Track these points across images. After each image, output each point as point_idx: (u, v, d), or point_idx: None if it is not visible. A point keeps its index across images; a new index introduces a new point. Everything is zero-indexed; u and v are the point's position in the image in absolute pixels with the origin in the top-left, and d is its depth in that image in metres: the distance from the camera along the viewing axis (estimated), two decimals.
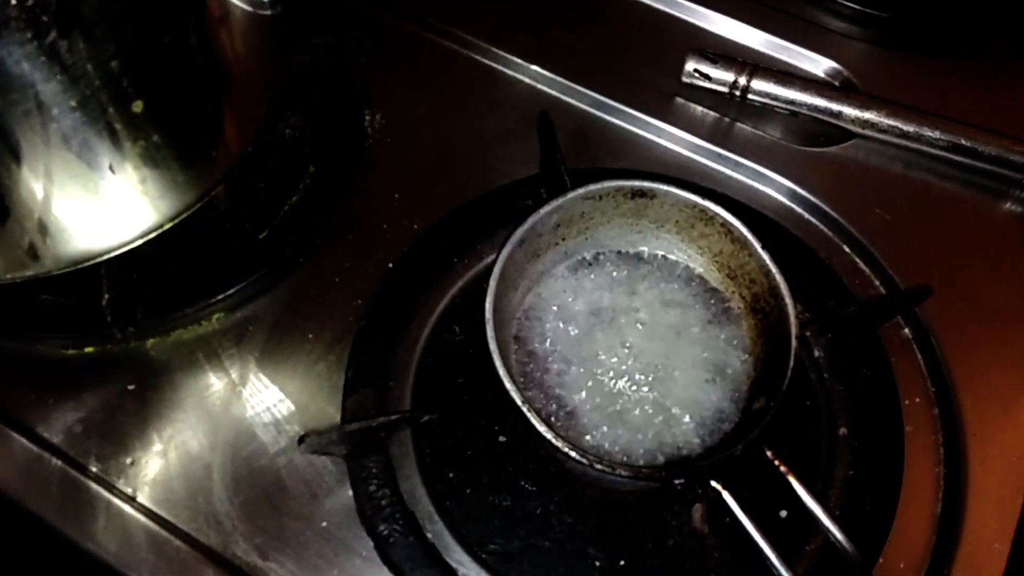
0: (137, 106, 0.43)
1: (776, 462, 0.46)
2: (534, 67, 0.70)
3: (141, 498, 0.51)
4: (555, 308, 0.51)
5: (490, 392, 0.56)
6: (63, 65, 0.39)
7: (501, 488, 0.53)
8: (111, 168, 0.45)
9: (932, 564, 0.51)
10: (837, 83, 0.70)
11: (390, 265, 0.60)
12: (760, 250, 0.47)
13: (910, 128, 0.64)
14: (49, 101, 0.40)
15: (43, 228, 0.46)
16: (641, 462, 0.48)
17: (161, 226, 0.50)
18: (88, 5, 0.38)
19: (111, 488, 0.51)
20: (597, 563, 0.51)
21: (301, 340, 0.57)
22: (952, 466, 0.54)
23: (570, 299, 0.51)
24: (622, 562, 0.51)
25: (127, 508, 0.50)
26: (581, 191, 0.49)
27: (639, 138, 0.68)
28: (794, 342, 0.45)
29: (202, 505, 0.51)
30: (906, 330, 0.58)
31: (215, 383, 0.55)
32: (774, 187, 0.64)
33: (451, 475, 0.54)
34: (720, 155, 0.66)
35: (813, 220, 0.63)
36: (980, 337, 0.58)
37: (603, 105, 0.69)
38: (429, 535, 0.50)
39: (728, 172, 0.66)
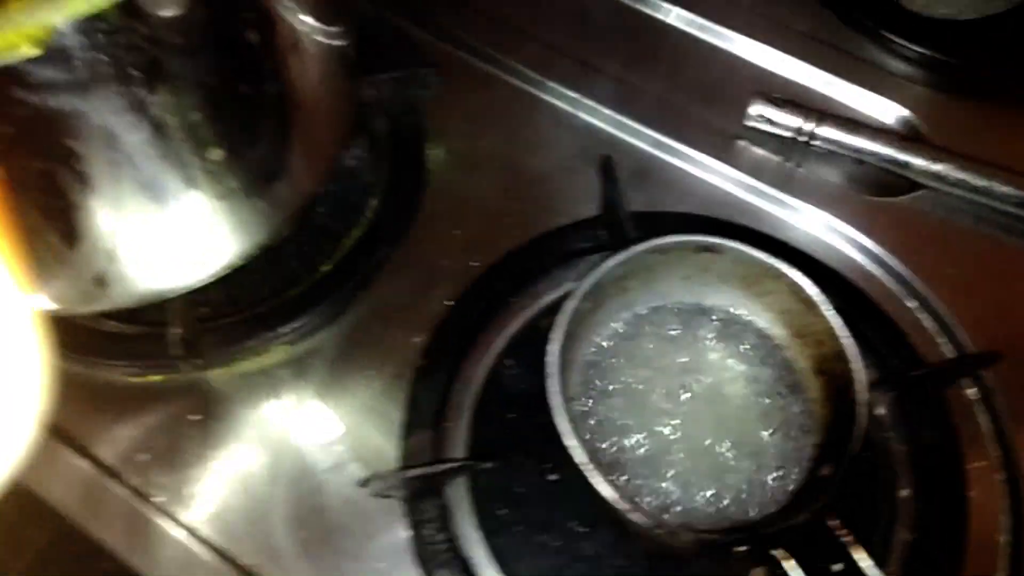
0: (215, 154, 0.44)
1: (839, 532, 0.45)
2: (595, 105, 0.70)
3: (203, 530, 0.52)
4: (615, 360, 0.51)
5: (543, 431, 0.57)
6: (145, 117, 0.40)
7: (552, 528, 0.53)
8: (183, 211, 0.46)
9: None
10: (904, 131, 0.69)
11: (449, 303, 0.60)
12: (829, 312, 0.47)
13: (980, 183, 0.62)
14: (129, 151, 0.41)
15: (114, 265, 0.47)
16: (699, 523, 0.47)
17: (229, 266, 0.51)
18: (170, 60, 0.39)
19: (173, 518, 0.52)
20: None
21: (361, 375, 0.58)
22: (1017, 535, 0.52)
23: (631, 351, 0.51)
24: None
25: (188, 540, 0.51)
26: (647, 245, 0.49)
27: (699, 180, 0.67)
28: (862, 409, 0.44)
29: (261, 539, 0.51)
30: (971, 391, 0.57)
31: (276, 416, 0.56)
32: (837, 237, 0.64)
33: (502, 512, 0.54)
34: (782, 201, 0.65)
35: (876, 272, 0.62)
36: None
37: (663, 145, 0.68)
38: None
39: (790, 219, 0.65)
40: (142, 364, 0.57)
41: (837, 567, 0.51)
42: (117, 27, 0.37)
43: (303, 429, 0.55)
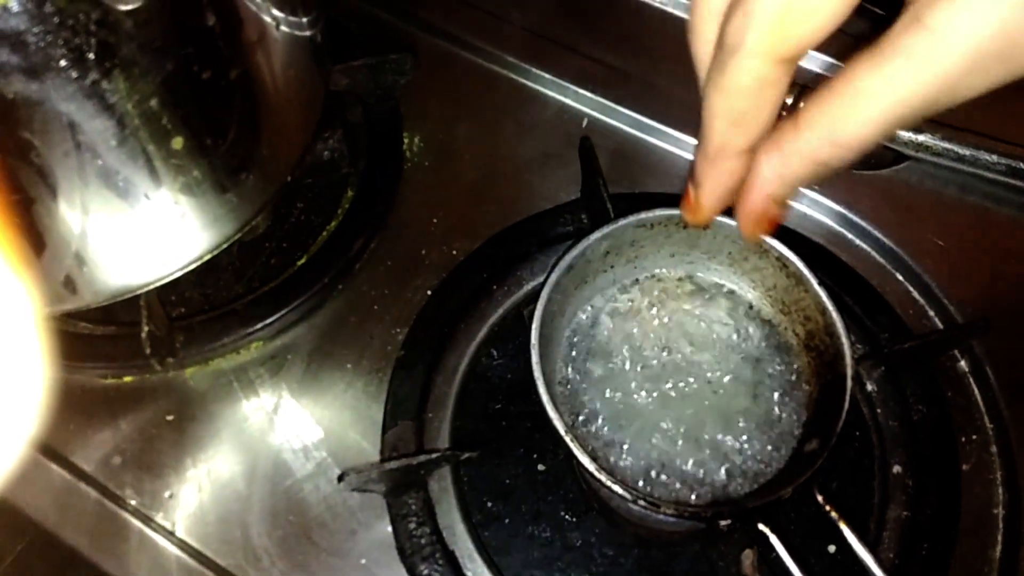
0: (177, 142, 0.42)
1: (827, 507, 0.44)
2: (573, 87, 0.68)
3: (180, 532, 0.51)
4: (600, 337, 0.50)
5: (530, 421, 0.56)
6: (104, 105, 0.38)
7: (540, 518, 0.52)
8: (150, 203, 0.45)
9: None
10: None
11: (429, 292, 0.59)
12: (817, 287, 0.45)
13: (966, 152, 0.61)
14: (89, 140, 0.39)
15: (81, 262, 0.45)
16: (686, 499, 0.46)
17: (200, 258, 0.49)
18: (128, 44, 0.38)
19: (149, 522, 0.51)
20: None
21: (339, 369, 0.56)
22: (1012, 507, 0.51)
23: (617, 327, 0.50)
24: None
25: (165, 543, 0.50)
26: (633, 219, 0.48)
27: (682, 161, 0.66)
28: (849, 383, 0.43)
29: (240, 540, 0.50)
30: (962, 363, 0.56)
31: (253, 414, 0.55)
32: (823, 211, 0.62)
33: (489, 504, 0.53)
34: None
35: (864, 246, 0.61)
36: None
37: (644, 126, 0.67)
38: (469, 574, 0.49)
39: None
40: (115, 365, 0.56)
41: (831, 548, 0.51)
42: (71, 8, 0.35)
43: (280, 427, 0.54)
